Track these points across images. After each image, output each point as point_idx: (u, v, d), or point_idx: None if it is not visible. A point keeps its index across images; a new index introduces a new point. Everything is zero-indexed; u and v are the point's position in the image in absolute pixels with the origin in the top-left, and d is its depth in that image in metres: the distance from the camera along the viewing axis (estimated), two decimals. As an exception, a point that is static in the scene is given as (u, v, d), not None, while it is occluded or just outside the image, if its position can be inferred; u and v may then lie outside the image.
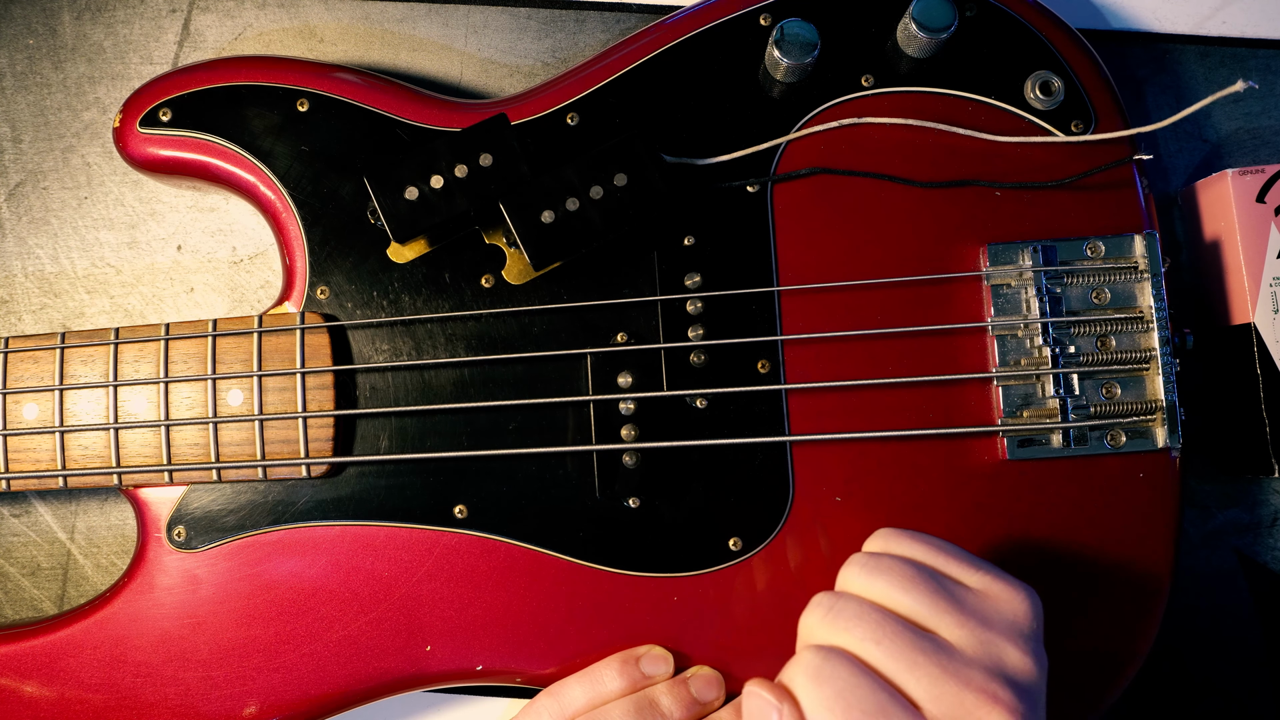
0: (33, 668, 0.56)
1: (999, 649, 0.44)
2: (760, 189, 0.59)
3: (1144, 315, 0.57)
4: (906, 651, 0.43)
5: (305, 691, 0.56)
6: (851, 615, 0.45)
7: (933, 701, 0.42)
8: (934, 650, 0.44)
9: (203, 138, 0.58)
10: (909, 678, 0.43)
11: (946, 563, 0.48)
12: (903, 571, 0.46)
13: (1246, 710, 0.64)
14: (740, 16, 0.60)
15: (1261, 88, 0.67)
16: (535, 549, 0.57)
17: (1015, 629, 0.45)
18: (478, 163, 0.56)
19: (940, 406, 0.57)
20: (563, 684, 0.56)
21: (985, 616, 0.45)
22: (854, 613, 0.45)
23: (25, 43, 0.66)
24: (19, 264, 0.65)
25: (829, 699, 0.43)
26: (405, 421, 0.57)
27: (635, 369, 0.57)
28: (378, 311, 0.58)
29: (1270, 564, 0.65)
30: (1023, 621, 0.46)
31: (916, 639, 0.44)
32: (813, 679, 0.44)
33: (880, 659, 0.44)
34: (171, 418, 0.57)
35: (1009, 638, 0.45)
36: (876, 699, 0.42)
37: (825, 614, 0.46)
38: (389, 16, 0.67)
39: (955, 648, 0.44)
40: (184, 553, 0.57)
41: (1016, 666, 0.44)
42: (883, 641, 0.44)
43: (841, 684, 0.43)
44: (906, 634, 0.44)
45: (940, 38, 0.57)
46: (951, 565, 0.48)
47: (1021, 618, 0.46)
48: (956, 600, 0.46)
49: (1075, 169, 0.59)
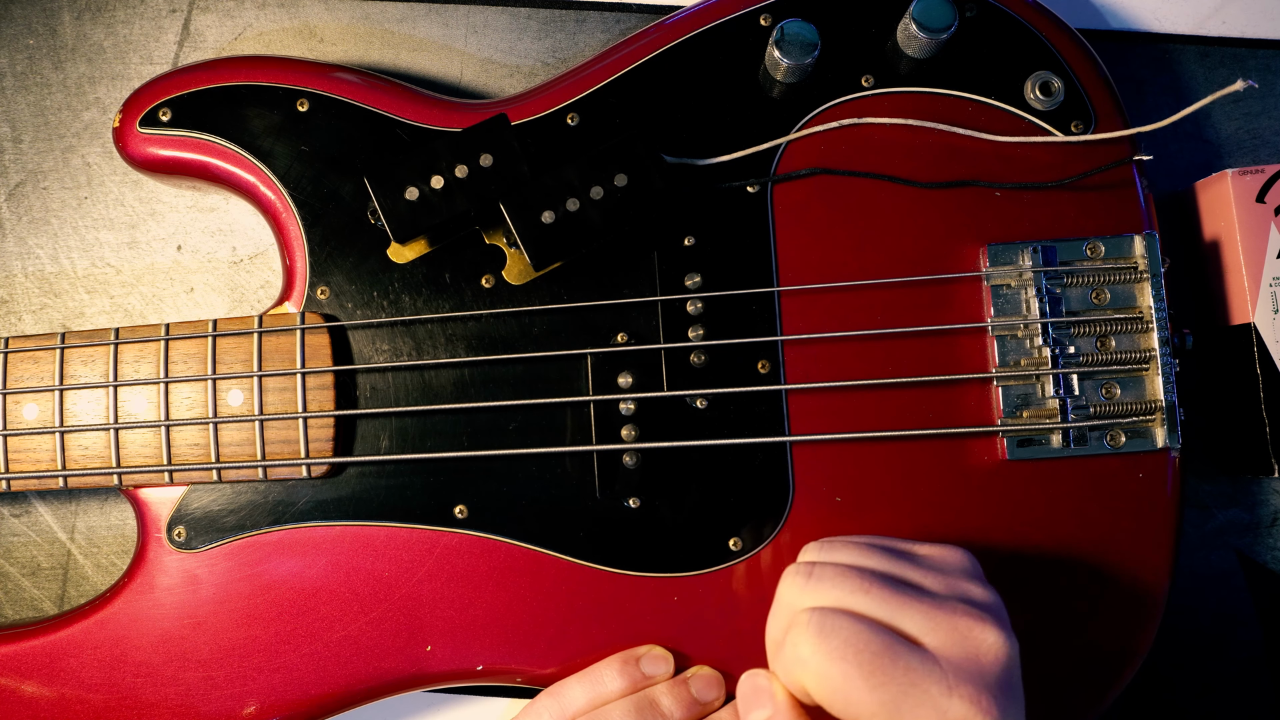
0: (33, 668, 0.56)
1: (962, 587, 0.48)
2: (760, 189, 0.59)
3: (1144, 315, 0.57)
4: (893, 595, 0.46)
5: (305, 691, 0.56)
6: (832, 574, 0.47)
7: (929, 633, 0.45)
8: (915, 591, 0.47)
9: (202, 138, 0.58)
10: (902, 616, 0.45)
11: (886, 540, 0.51)
12: (858, 545, 0.50)
13: (1246, 710, 0.64)
14: (740, 17, 0.60)
15: (1261, 88, 0.67)
16: (535, 549, 0.57)
17: (966, 571, 0.49)
18: (478, 163, 0.56)
19: (940, 407, 0.57)
20: (563, 684, 0.56)
21: (939, 566, 0.49)
22: (834, 572, 0.47)
23: (25, 43, 0.66)
24: (19, 264, 0.65)
25: (839, 649, 0.44)
26: (405, 422, 0.57)
27: (635, 369, 0.57)
28: (378, 312, 0.58)
29: (1270, 564, 0.65)
30: (968, 564, 0.50)
31: (897, 584, 0.47)
32: (817, 634, 0.45)
33: (871, 606, 0.46)
34: (171, 418, 0.57)
35: (965, 578, 0.49)
36: (882, 639, 0.44)
37: (806, 580, 0.48)
38: (389, 16, 0.67)
39: (928, 589, 0.47)
40: (184, 553, 0.57)
41: (983, 596, 0.48)
42: (870, 590, 0.46)
43: (846, 633, 0.44)
44: (887, 581, 0.47)
45: (940, 38, 0.57)
46: (892, 541, 0.51)
47: (966, 562, 0.50)
48: (912, 558, 0.49)
49: (1075, 169, 0.59)
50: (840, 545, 0.50)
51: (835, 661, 0.44)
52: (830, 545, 0.51)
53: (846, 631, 0.44)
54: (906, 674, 0.43)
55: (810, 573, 0.48)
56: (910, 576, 0.48)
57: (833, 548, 0.50)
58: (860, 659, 0.44)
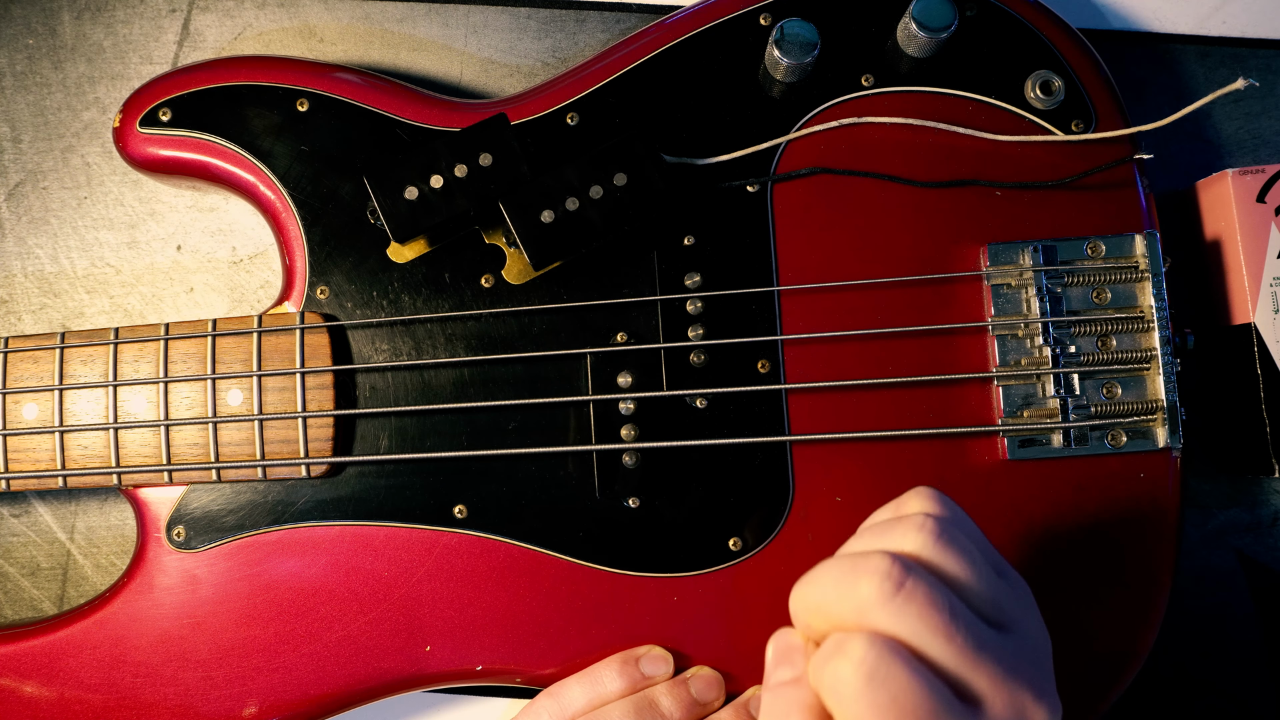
0: (33, 668, 0.56)
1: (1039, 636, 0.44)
2: (760, 189, 0.59)
3: (1144, 315, 0.57)
4: (975, 651, 0.40)
5: (305, 691, 0.56)
6: (924, 602, 0.40)
7: (992, 698, 0.40)
8: (997, 645, 0.41)
9: (202, 138, 0.58)
10: (975, 674, 0.40)
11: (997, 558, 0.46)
12: (971, 561, 0.43)
13: (1246, 710, 0.64)
14: (740, 16, 0.60)
15: (1261, 88, 0.67)
16: (535, 549, 0.57)
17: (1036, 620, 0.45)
18: (478, 163, 0.56)
19: (940, 406, 0.57)
20: (562, 684, 0.56)
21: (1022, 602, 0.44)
22: (927, 600, 0.40)
23: (25, 43, 0.66)
24: (19, 264, 0.65)
25: (881, 704, 0.39)
26: (405, 421, 0.57)
27: (635, 369, 0.57)
28: (378, 311, 0.58)
29: (1270, 564, 0.65)
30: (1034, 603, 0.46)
31: (983, 634, 0.41)
32: (867, 679, 0.39)
33: (948, 657, 0.40)
34: (171, 418, 0.57)
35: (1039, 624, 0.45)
36: (933, 706, 0.39)
37: (894, 592, 0.40)
38: (389, 16, 0.67)
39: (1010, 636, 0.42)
40: (184, 553, 0.57)
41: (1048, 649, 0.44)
42: (955, 638, 0.40)
43: (898, 691, 0.39)
44: (976, 629, 0.41)
45: (940, 37, 0.57)
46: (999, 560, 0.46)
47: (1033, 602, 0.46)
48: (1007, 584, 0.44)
49: (1075, 169, 0.59)
50: (956, 550, 0.42)
51: (870, 712, 0.39)
52: (946, 540, 0.42)
53: (900, 688, 0.39)
54: None
55: (903, 584, 0.40)
56: (998, 618, 0.42)
57: (947, 549, 0.42)
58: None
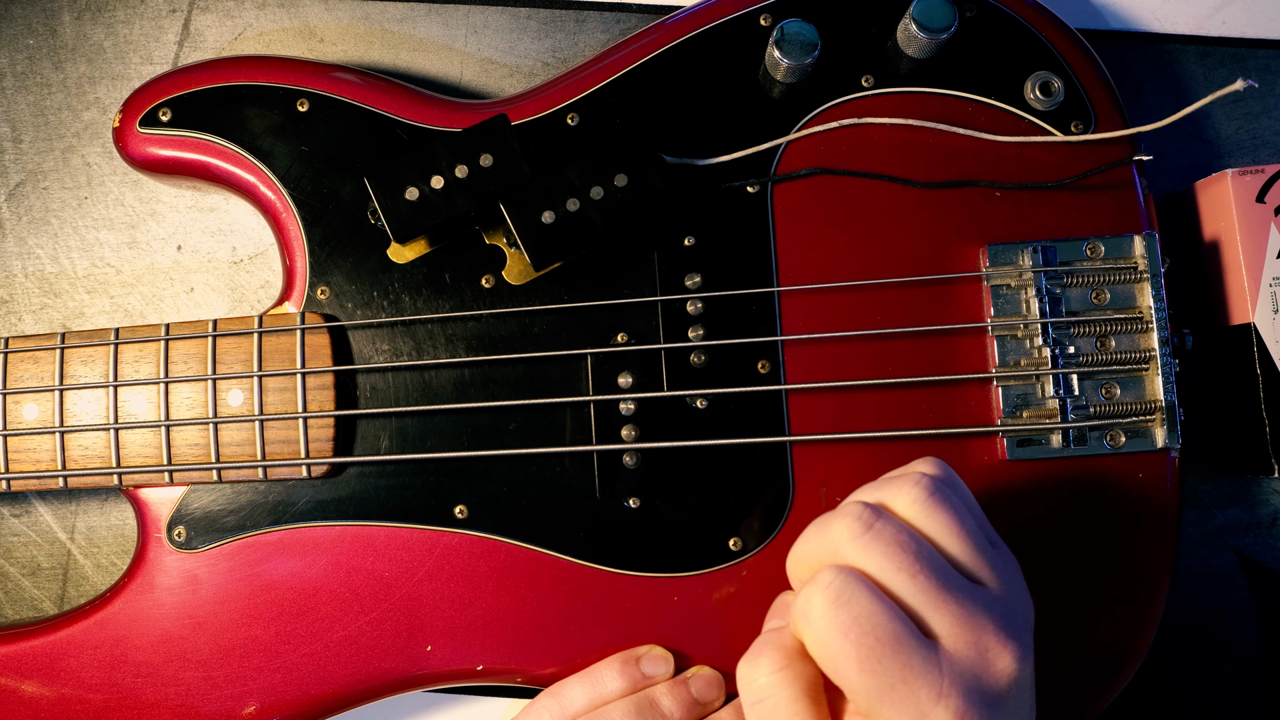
0: (33, 668, 0.56)
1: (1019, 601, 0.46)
2: (760, 189, 0.59)
3: (1144, 315, 0.57)
4: (936, 592, 0.44)
5: (306, 691, 0.56)
6: (891, 541, 0.44)
7: (951, 636, 0.44)
8: (962, 592, 0.44)
9: (202, 138, 0.58)
10: (935, 614, 0.44)
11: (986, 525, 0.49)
12: (953, 517, 0.46)
13: (1246, 710, 0.64)
14: (740, 17, 0.60)
15: (1261, 88, 0.67)
16: (535, 549, 0.57)
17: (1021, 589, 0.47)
18: (478, 163, 0.56)
19: (940, 407, 0.57)
20: (563, 684, 0.56)
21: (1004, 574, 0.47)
22: (894, 539, 0.44)
23: (25, 43, 0.66)
24: (19, 264, 0.65)
25: (845, 624, 0.43)
26: (406, 422, 0.57)
27: (635, 369, 0.57)
28: (378, 312, 0.58)
29: (1270, 564, 0.65)
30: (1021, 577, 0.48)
31: (949, 579, 0.44)
32: (832, 602, 0.43)
33: (907, 592, 0.44)
34: (172, 418, 0.57)
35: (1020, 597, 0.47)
36: (892, 629, 0.43)
37: (864, 531, 0.45)
38: (389, 16, 0.67)
39: (984, 590, 0.45)
40: (184, 553, 0.57)
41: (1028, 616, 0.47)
42: (918, 576, 0.44)
43: (860, 611, 0.43)
44: (941, 573, 0.44)
45: (940, 38, 0.57)
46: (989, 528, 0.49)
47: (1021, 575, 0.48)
48: (993, 551, 0.47)
49: (1075, 169, 0.59)
50: (946, 506, 0.46)
51: (836, 634, 0.43)
52: (937, 497, 0.46)
53: (861, 610, 0.43)
54: (902, 669, 0.42)
55: (872, 525, 0.45)
56: (979, 574, 0.46)
57: (938, 504, 0.46)
58: (861, 641, 0.43)
